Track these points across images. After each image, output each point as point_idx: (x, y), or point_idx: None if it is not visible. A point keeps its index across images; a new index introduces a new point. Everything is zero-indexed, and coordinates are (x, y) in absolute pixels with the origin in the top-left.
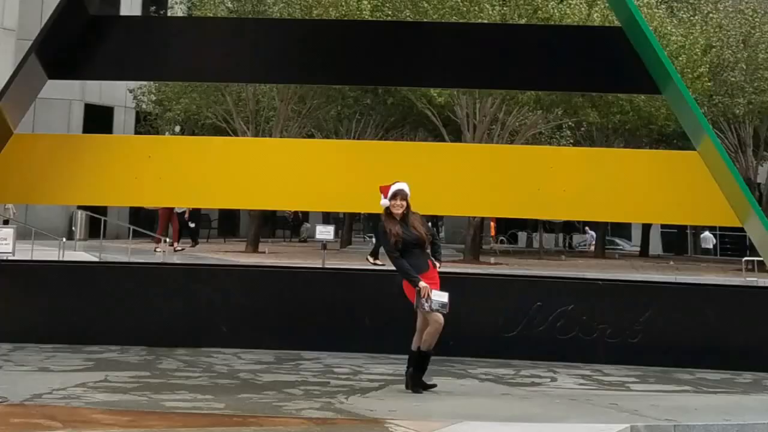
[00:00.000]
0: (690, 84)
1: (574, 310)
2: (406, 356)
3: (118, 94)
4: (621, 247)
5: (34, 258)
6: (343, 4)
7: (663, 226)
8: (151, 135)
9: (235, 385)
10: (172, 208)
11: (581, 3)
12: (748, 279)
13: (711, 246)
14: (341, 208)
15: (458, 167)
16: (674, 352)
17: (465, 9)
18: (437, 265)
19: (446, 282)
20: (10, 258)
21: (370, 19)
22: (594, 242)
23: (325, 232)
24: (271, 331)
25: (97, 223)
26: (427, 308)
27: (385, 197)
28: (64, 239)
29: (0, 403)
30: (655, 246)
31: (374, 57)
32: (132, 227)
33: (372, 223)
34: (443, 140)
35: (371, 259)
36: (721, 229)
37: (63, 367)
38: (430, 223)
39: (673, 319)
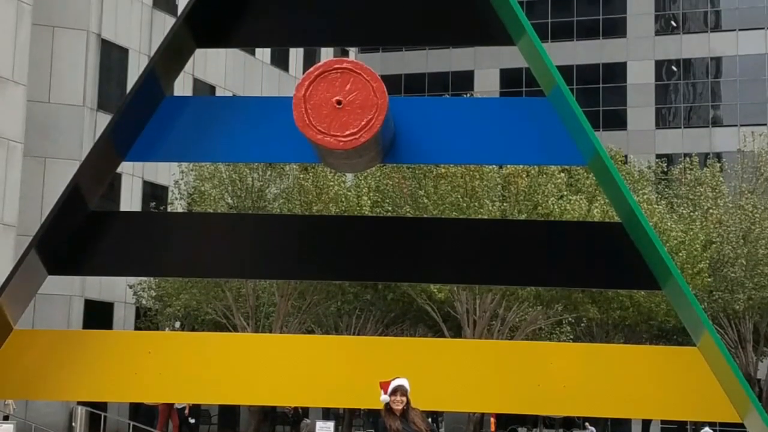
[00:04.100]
0: (690, 280)
1: None
2: None
3: (118, 289)
4: None
5: None
6: (344, 199)
7: (663, 422)
8: (151, 331)
9: None
10: (172, 404)
11: (581, 199)
12: None
13: None
14: (341, 403)
15: (458, 363)
16: None
17: (465, 205)
18: None
19: None
20: None
21: (370, 214)
22: None
23: (325, 428)
24: None
25: (97, 418)
26: None
27: (385, 393)
28: None
29: None
30: None
31: (374, 253)
32: (132, 423)
33: (372, 418)
34: (443, 336)
35: None
36: (721, 424)
37: None
38: (430, 419)
39: None
